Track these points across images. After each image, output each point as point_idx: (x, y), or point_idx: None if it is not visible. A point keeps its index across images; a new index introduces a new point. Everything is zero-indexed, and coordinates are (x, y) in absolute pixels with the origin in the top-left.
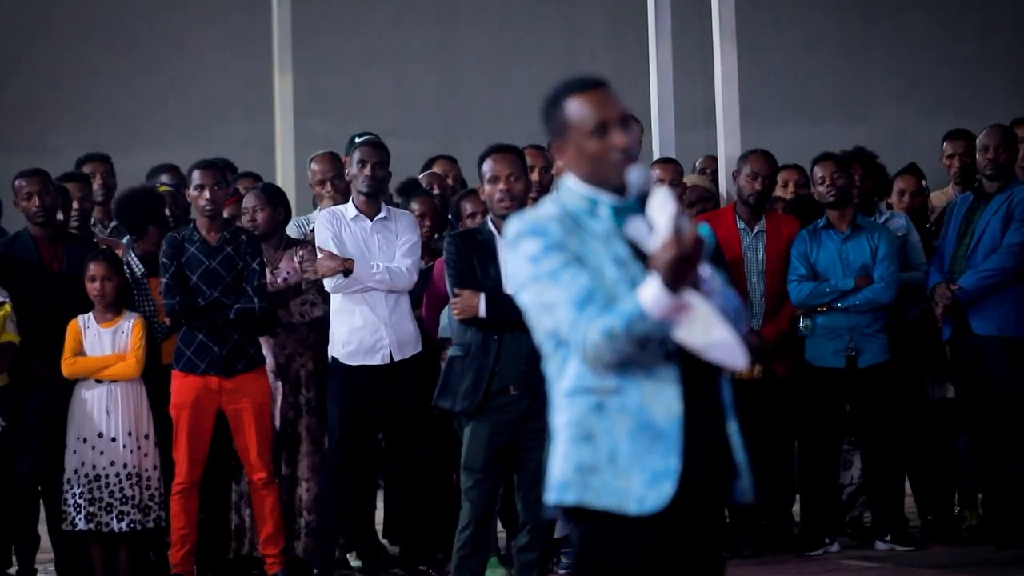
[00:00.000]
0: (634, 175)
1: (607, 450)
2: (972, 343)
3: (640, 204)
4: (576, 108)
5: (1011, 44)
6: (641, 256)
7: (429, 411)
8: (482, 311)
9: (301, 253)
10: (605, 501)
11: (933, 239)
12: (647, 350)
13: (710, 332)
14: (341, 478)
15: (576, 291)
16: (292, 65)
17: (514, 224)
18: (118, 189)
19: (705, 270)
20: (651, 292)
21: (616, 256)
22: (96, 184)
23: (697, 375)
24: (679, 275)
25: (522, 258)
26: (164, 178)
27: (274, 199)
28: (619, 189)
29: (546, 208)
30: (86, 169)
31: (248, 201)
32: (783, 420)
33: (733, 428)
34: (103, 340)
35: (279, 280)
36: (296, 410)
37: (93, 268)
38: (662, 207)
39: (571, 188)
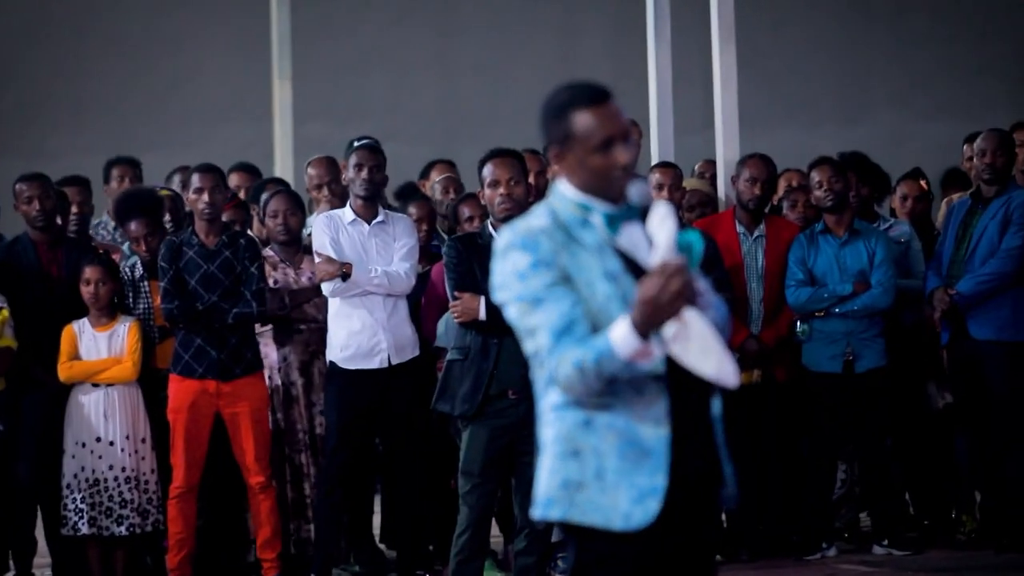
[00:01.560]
0: (636, 190)
1: (594, 467)
2: (970, 347)
3: (635, 212)
4: (582, 121)
5: (1010, 47)
6: (634, 269)
7: (427, 415)
8: (482, 314)
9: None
10: (591, 518)
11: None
12: (619, 384)
13: (705, 352)
14: (338, 484)
15: (556, 319)
16: (291, 69)
17: (505, 235)
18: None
19: (700, 283)
20: (621, 333)
21: (608, 270)
22: (121, 187)
23: (687, 391)
24: (651, 320)
25: (510, 272)
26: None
27: (301, 203)
28: (614, 197)
29: (537, 219)
30: (115, 172)
31: (279, 204)
32: (781, 424)
33: (721, 441)
34: (99, 344)
35: (303, 279)
36: (312, 409)
37: (88, 272)
38: (661, 224)
39: (564, 195)
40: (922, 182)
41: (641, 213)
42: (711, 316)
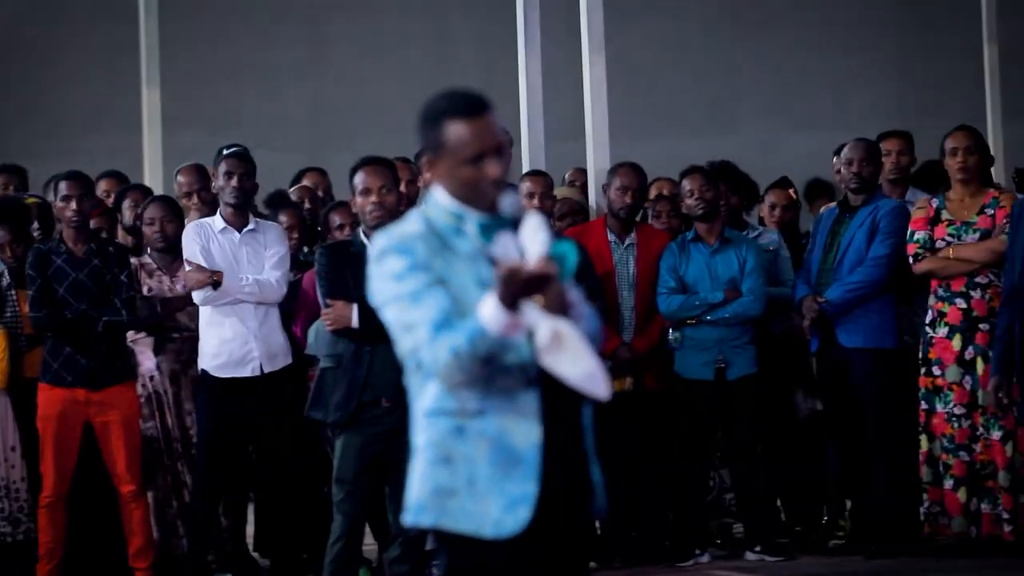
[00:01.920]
0: (507, 202)
1: (466, 474)
2: (839, 355)
3: (508, 221)
4: (455, 133)
5: (879, 57)
6: None
7: (300, 423)
8: (355, 322)
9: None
10: (462, 525)
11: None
12: (495, 367)
13: (578, 363)
14: (211, 493)
15: (435, 314)
16: (160, 77)
17: (380, 240)
18: None
19: (573, 294)
20: (489, 309)
21: (480, 278)
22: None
23: (558, 400)
24: (513, 294)
25: (386, 275)
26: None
27: (178, 211)
28: (486, 207)
29: (411, 224)
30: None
31: (155, 212)
32: (653, 432)
33: (590, 448)
34: None
35: (179, 287)
36: (182, 419)
37: None
38: (534, 235)
39: (438, 203)
40: (790, 191)
41: (513, 223)
42: (583, 327)
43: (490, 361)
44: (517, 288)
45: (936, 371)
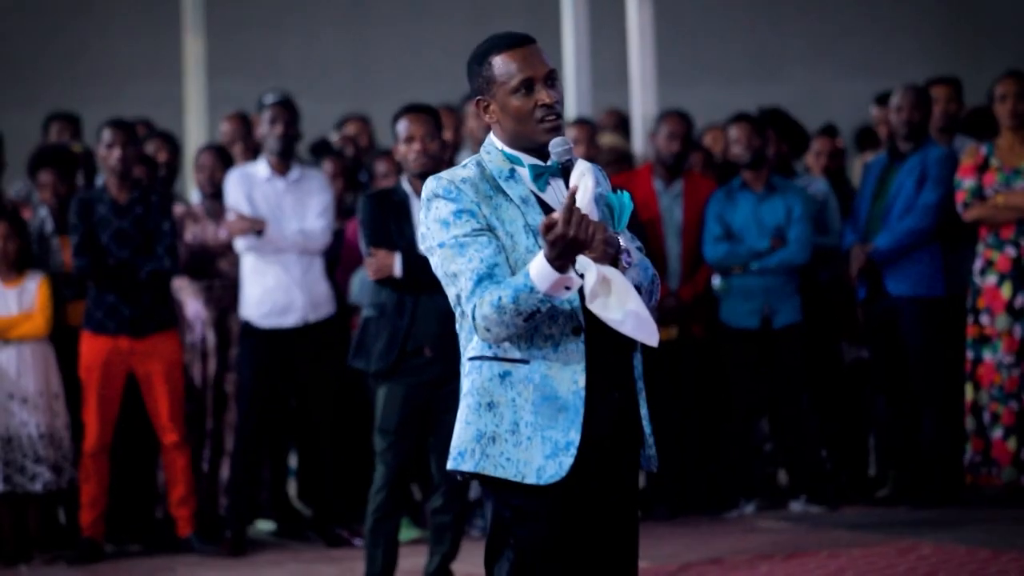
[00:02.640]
0: (556, 145)
1: (509, 420)
2: (886, 304)
3: (562, 169)
4: (501, 64)
5: (924, 4)
6: None
7: (343, 373)
8: (397, 271)
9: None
10: (503, 471)
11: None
12: (537, 324)
13: (625, 309)
14: (253, 442)
15: (478, 264)
16: (203, 26)
17: (429, 184)
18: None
19: (626, 241)
20: (537, 267)
21: (530, 224)
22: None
23: (606, 348)
24: (563, 254)
25: (433, 220)
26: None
27: (228, 159)
28: (542, 152)
29: (463, 169)
30: (54, 127)
31: (206, 160)
32: (699, 381)
33: (642, 399)
34: (8, 300)
35: (222, 235)
36: (224, 366)
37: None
38: (581, 180)
39: (493, 148)
40: (836, 140)
41: (563, 171)
42: (635, 275)
43: (532, 317)
44: (562, 245)
45: (985, 320)
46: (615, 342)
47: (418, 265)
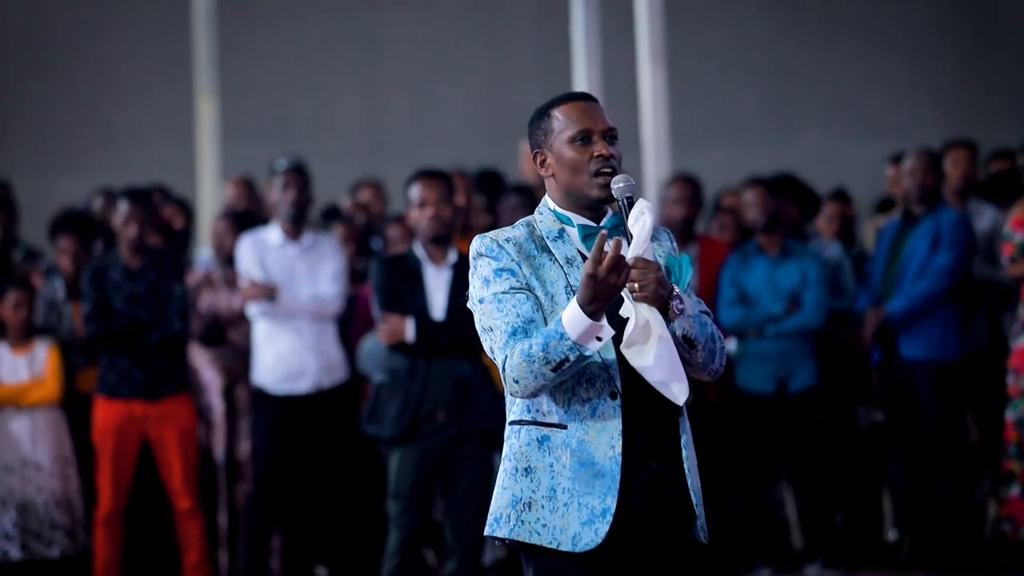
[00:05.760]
0: (618, 180)
1: (547, 485)
2: (901, 367)
3: (616, 226)
4: (562, 116)
5: (938, 66)
6: None
7: (356, 438)
8: (410, 336)
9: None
10: (538, 537)
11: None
12: (566, 374)
13: (659, 360)
14: (268, 508)
15: (513, 319)
16: (215, 88)
17: (475, 243)
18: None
19: (686, 296)
20: (569, 312)
21: (573, 284)
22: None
23: (647, 412)
24: (595, 298)
25: (477, 277)
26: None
27: (240, 227)
28: (595, 210)
29: (512, 229)
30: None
31: (219, 227)
32: (712, 444)
33: (688, 469)
34: (18, 367)
35: (235, 302)
36: (235, 435)
37: (12, 295)
38: (638, 219)
39: (546, 208)
40: (847, 205)
41: (628, 204)
42: (685, 325)
43: (561, 368)
44: (593, 287)
45: (1010, 379)
46: (657, 407)
47: (431, 330)
